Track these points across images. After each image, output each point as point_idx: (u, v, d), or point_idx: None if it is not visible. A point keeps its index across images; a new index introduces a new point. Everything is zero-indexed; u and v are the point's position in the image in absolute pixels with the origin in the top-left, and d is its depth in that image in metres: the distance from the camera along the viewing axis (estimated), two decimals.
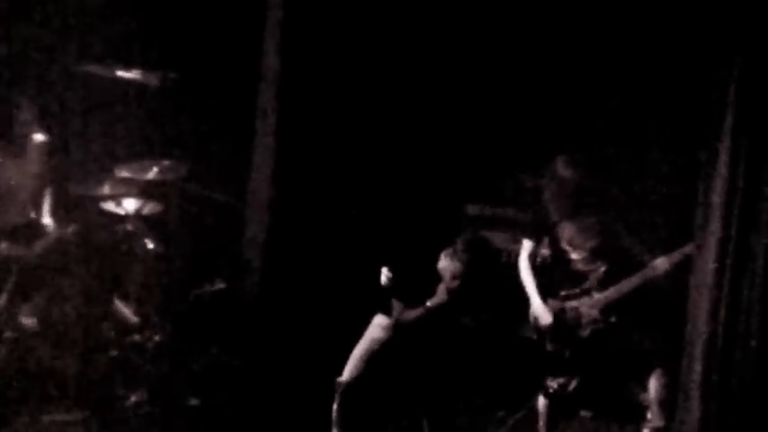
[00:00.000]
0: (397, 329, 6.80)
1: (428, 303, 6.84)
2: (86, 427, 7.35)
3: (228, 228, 8.64)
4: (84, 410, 7.45)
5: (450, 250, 6.84)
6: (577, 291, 7.20)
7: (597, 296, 7.16)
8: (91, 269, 7.95)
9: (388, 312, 6.86)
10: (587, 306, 7.15)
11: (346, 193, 8.38)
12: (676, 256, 7.08)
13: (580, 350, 7.17)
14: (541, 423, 7.27)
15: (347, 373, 6.79)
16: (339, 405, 6.71)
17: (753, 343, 6.87)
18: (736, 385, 6.89)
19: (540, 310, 7.16)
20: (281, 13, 8.33)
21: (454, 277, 6.76)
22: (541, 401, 7.27)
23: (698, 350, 7.02)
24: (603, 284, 7.16)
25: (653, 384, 7.14)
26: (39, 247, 7.78)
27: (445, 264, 6.84)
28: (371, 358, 6.74)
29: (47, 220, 7.89)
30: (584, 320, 7.15)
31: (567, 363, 7.16)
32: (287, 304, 8.29)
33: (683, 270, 7.02)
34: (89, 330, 7.82)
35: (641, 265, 7.15)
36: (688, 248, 6.98)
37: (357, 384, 6.71)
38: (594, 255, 7.16)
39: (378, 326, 6.85)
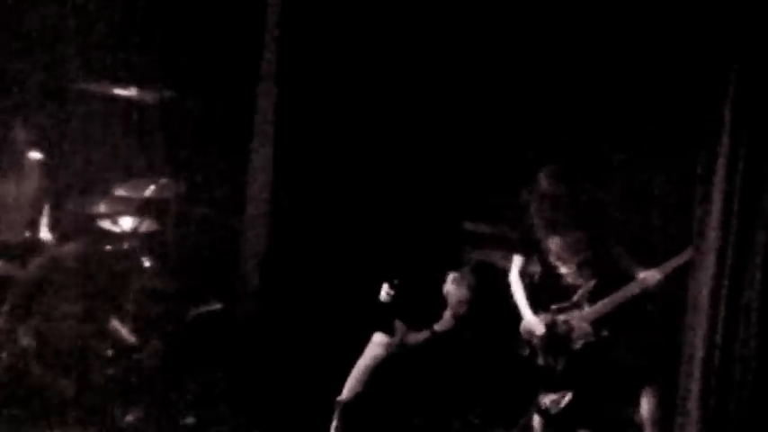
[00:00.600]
0: (400, 350, 6.78)
1: (435, 327, 6.84)
2: None
3: (225, 246, 8.62)
4: (81, 430, 7.42)
5: (457, 276, 6.86)
6: (568, 304, 7.19)
7: (588, 309, 7.14)
8: (87, 288, 7.93)
9: (387, 330, 6.84)
10: (578, 319, 7.13)
11: (344, 212, 8.37)
12: (668, 267, 7.08)
13: (572, 364, 7.15)
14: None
15: (346, 391, 6.76)
16: (338, 424, 6.68)
17: (752, 363, 6.88)
18: (734, 403, 6.90)
19: (532, 323, 7.14)
20: (277, 31, 8.35)
21: (461, 302, 6.77)
22: (537, 420, 7.26)
23: (695, 367, 7.02)
24: (594, 298, 7.15)
25: (646, 403, 7.13)
26: (34, 265, 7.76)
27: (452, 289, 6.85)
28: (371, 377, 6.72)
29: (43, 238, 7.88)
30: (575, 334, 7.13)
31: (560, 377, 7.15)
32: (284, 323, 8.28)
33: (674, 282, 7.03)
34: (86, 349, 7.80)
35: (632, 278, 7.14)
36: (679, 260, 7.00)
37: (356, 403, 6.68)
38: (583, 268, 7.16)
39: (377, 344, 6.83)
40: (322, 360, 7.72)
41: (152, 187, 8.22)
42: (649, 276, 7.08)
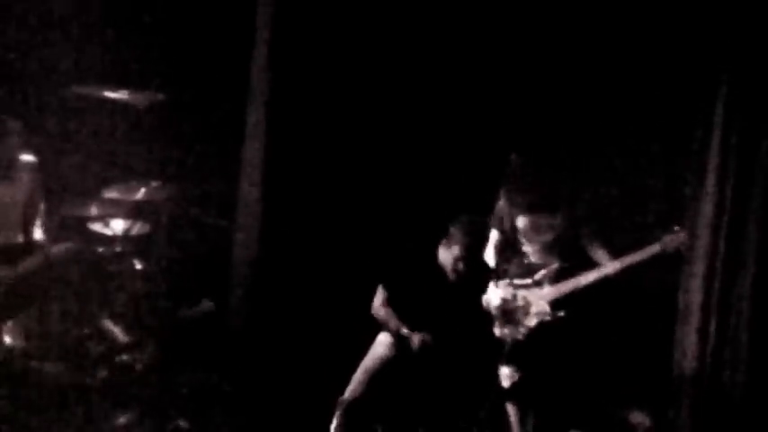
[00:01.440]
0: (405, 351, 6.73)
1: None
2: None
3: (217, 249, 8.62)
4: (72, 430, 7.41)
5: (444, 240, 6.80)
6: (530, 281, 7.28)
7: (548, 289, 7.24)
8: (78, 290, 7.93)
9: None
10: (537, 297, 7.23)
11: (336, 213, 8.38)
12: (630, 259, 7.15)
13: (526, 339, 7.21)
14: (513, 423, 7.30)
15: (350, 391, 6.70)
16: (339, 424, 6.63)
17: (742, 364, 6.90)
18: (726, 402, 6.93)
19: (490, 293, 7.25)
20: (268, 32, 8.35)
21: (456, 260, 6.70)
22: (510, 406, 7.30)
23: (687, 367, 7.06)
24: (556, 279, 7.25)
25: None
26: (24, 267, 7.75)
27: (443, 253, 6.79)
28: (375, 378, 6.67)
29: (35, 240, 7.86)
30: (532, 310, 7.22)
31: (513, 351, 7.19)
32: (276, 325, 8.27)
33: (635, 274, 7.14)
34: (77, 351, 7.79)
35: (595, 265, 7.22)
36: (644, 254, 7.09)
37: (360, 403, 6.63)
38: (547, 249, 7.27)
39: (382, 344, 6.77)
40: (315, 361, 7.73)
41: (143, 190, 8.23)
42: (610, 265, 7.15)
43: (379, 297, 6.98)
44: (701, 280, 7.05)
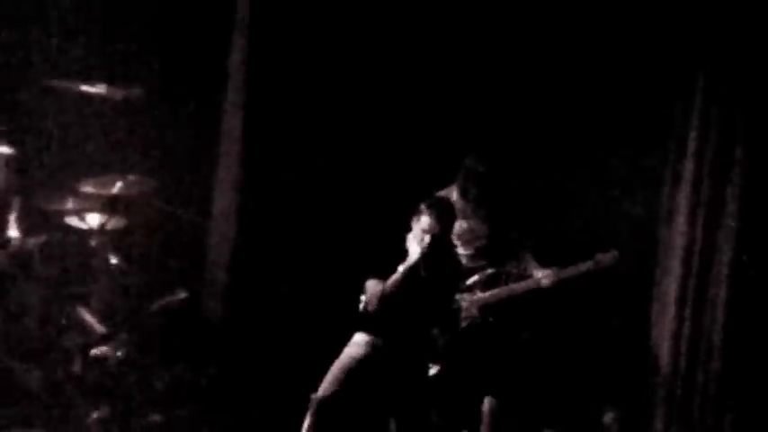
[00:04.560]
0: (380, 350, 6.69)
1: (400, 268, 6.70)
2: None
3: (193, 243, 8.60)
4: (46, 426, 7.37)
5: (414, 218, 6.71)
6: (464, 286, 7.32)
7: (480, 295, 7.30)
8: (53, 283, 7.89)
9: (367, 330, 6.74)
10: (468, 302, 7.28)
11: (311, 206, 8.38)
12: (566, 272, 7.23)
13: (455, 341, 7.22)
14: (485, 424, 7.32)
15: (323, 389, 6.65)
16: (311, 421, 6.59)
17: (716, 362, 6.96)
18: (699, 398, 6.98)
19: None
20: (246, 26, 8.35)
21: (424, 232, 6.60)
22: (487, 403, 7.31)
23: (662, 365, 7.10)
24: (488, 286, 7.30)
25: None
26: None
27: (413, 231, 6.68)
28: (349, 376, 6.62)
29: (10, 233, 7.83)
30: (462, 314, 7.26)
31: (442, 351, 7.20)
32: (253, 319, 8.27)
33: (570, 287, 7.21)
34: (51, 344, 7.76)
35: (526, 275, 7.29)
36: (580, 268, 7.19)
37: (333, 401, 6.59)
38: (479, 255, 7.32)
39: (357, 344, 6.74)
40: (292, 356, 7.72)
41: (119, 184, 8.19)
42: (545, 276, 7.22)
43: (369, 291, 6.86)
44: (678, 269, 7.11)
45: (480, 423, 7.24)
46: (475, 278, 7.31)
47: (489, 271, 7.31)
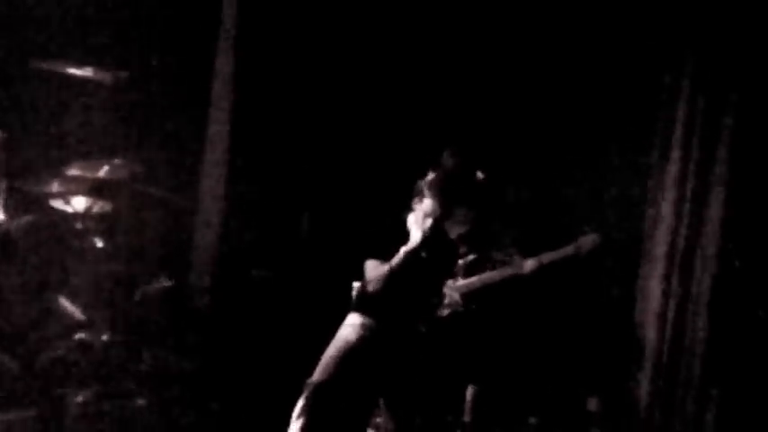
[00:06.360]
0: (375, 333, 6.63)
1: (402, 249, 6.65)
2: (32, 426, 7.27)
3: (179, 228, 8.59)
4: (29, 409, 7.36)
5: (416, 199, 6.68)
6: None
7: (462, 282, 7.27)
8: (37, 266, 7.87)
9: (363, 311, 6.67)
10: (450, 288, 7.25)
11: (297, 194, 8.37)
12: (544, 258, 7.21)
13: (437, 329, 7.16)
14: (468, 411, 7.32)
15: (319, 373, 6.57)
16: (305, 406, 6.50)
17: (700, 349, 6.96)
18: (683, 391, 6.99)
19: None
20: (235, 10, 8.34)
21: (426, 216, 6.57)
22: (470, 390, 7.32)
23: (646, 360, 7.10)
24: (470, 272, 7.27)
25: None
26: None
27: (411, 216, 6.65)
28: (345, 360, 6.54)
29: None
30: (445, 301, 7.23)
31: (425, 340, 7.21)
32: (238, 304, 8.27)
33: (549, 274, 7.20)
34: (34, 328, 7.73)
35: (508, 261, 7.29)
36: (557, 254, 7.17)
37: (329, 386, 6.51)
38: (462, 242, 7.23)
39: (352, 325, 6.65)
40: (278, 341, 7.72)
41: (106, 167, 8.16)
42: (525, 264, 7.21)
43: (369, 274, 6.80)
44: (662, 259, 7.12)
45: (463, 411, 7.23)
46: (458, 265, 7.27)
47: (471, 257, 7.29)
